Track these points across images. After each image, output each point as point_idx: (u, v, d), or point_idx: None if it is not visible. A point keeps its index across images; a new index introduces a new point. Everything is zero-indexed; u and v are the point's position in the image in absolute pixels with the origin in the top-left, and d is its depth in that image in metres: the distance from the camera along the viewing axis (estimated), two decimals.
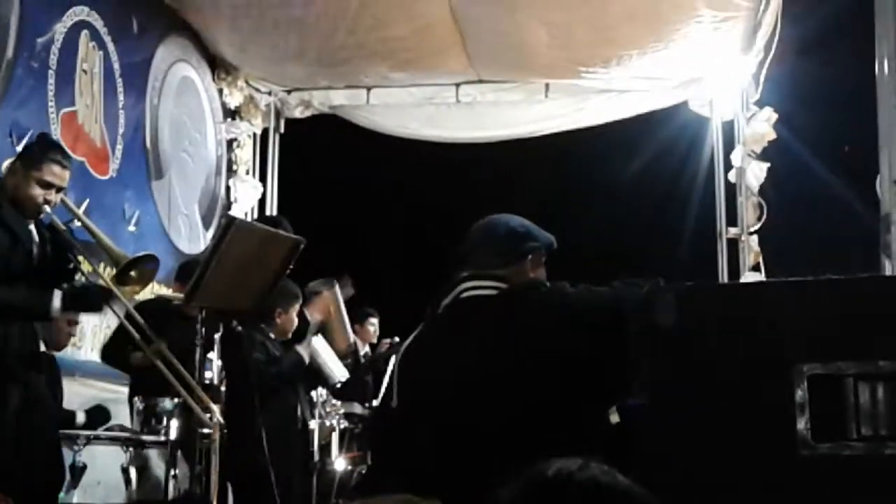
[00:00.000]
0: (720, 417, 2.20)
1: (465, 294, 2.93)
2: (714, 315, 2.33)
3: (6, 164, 4.29)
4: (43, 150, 4.22)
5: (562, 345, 2.71)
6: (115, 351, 5.36)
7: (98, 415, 5.16)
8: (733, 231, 7.54)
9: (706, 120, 8.04)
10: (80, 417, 5.00)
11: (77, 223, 4.28)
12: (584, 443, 2.56)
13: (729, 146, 7.71)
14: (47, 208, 4.11)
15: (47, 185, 4.07)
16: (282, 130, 8.82)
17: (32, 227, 4.14)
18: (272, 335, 5.40)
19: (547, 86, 8.20)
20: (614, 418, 2.59)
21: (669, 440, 2.25)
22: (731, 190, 7.62)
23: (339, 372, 5.53)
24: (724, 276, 7.47)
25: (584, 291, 2.85)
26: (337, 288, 5.99)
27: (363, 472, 5.53)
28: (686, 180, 8.33)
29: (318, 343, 5.55)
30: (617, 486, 1.23)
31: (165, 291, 6.32)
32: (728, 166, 7.67)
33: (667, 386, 2.29)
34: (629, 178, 8.70)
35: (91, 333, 6.24)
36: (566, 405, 2.63)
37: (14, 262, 4.00)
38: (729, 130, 7.79)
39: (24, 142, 5.15)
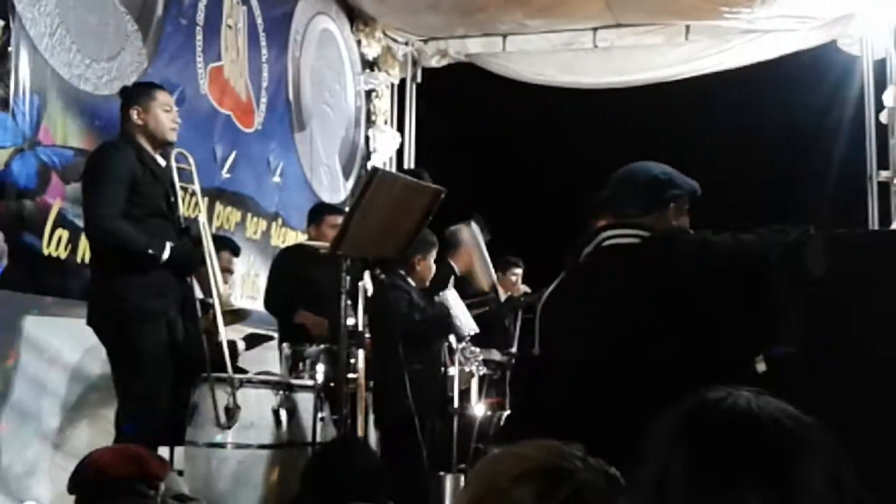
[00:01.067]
0: (871, 368, 2.16)
1: (607, 242, 2.91)
2: (866, 263, 2.27)
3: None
4: (142, 87, 4.54)
5: (707, 293, 2.67)
6: (278, 305, 5.57)
7: (255, 339, 5.36)
8: (885, 174, 7.25)
9: (856, 59, 7.71)
10: (241, 345, 5.20)
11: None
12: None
13: (880, 86, 7.39)
14: (176, 131, 4.37)
15: (170, 109, 4.37)
16: (419, 80, 8.88)
17: (163, 164, 4.36)
18: (412, 282, 5.49)
19: (687, 28, 8.00)
20: (761, 367, 2.56)
21: (819, 390, 2.22)
22: (883, 131, 7.31)
23: (468, 325, 5.58)
24: (874, 222, 7.20)
25: (729, 239, 2.81)
26: (475, 226, 6.02)
27: (502, 418, 5.59)
28: (833, 122, 8.02)
29: (451, 295, 5.61)
30: (778, 411, 1.22)
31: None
32: (879, 107, 7.36)
33: (817, 335, 2.25)
34: (774, 122, 8.42)
35: (240, 281, 6.47)
36: (711, 354, 2.61)
37: (154, 198, 4.23)
38: (880, 70, 7.46)
39: (174, 97, 5.34)
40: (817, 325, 2.27)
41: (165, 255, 4.14)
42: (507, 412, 5.51)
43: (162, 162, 4.37)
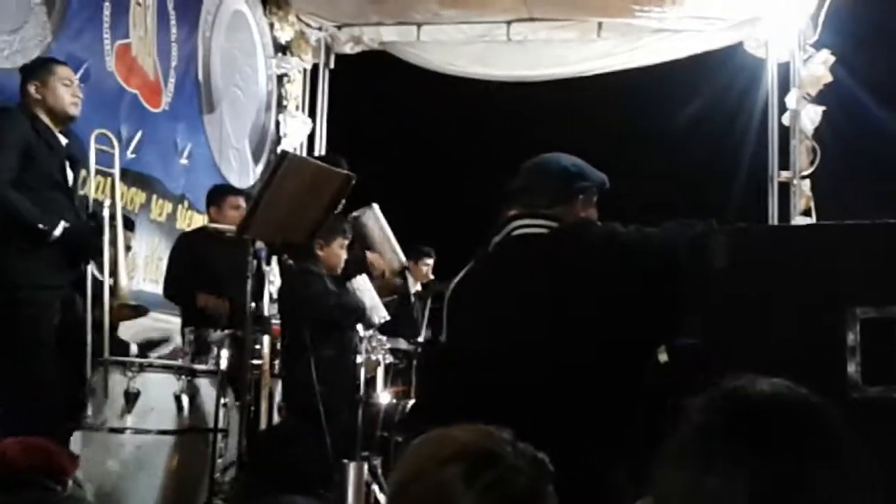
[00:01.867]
0: (770, 359, 2.21)
1: (516, 232, 2.93)
2: (767, 256, 2.33)
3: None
4: (40, 61, 4.49)
5: (612, 283, 2.71)
6: (179, 289, 5.48)
7: (149, 347, 5.27)
8: (785, 175, 7.43)
9: (761, 61, 7.89)
10: (133, 349, 5.10)
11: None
12: (632, 381, 2.58)
13: (784, 89, 7.57)
14: (78, 106, 4.31)
15: (70, 83, 4.31)
16: (332, 66, 8.80)
17: (64, 142, 4.25)
18: (322, 269, 5.44)
19: (600, 24, 8.08)
20: (663, 357, 2.60)
21: (713, 382, 2.26)
22: (785, 133, 7.50)
23: (379, 312, 5.57)
24: (774, 220, 7.38)
25: (636, 231, 2.85)
26: (376, 210, 6.01)
27: (408, 406, 5.60)
28: (740, 123, 8.20)
29: (362, 281, 5.59)
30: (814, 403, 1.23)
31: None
32: (783, 109, 7.54)
33: (718, 326, 2.30)
34: (683, 120, 8.59)
35: (143, 263, 6.34)
36: (616, 343, 2.65)
37: (48, 168, 4.14)
38: (784, 73, 7.64)
39: (79, 73, 5.20)
40: (718, 316, 2.32)
41: (57, 232, 4.04)
42: (413, 401, 5.51)
43: (63, 140, 4.27)
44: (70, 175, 4.27)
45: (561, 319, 2.70)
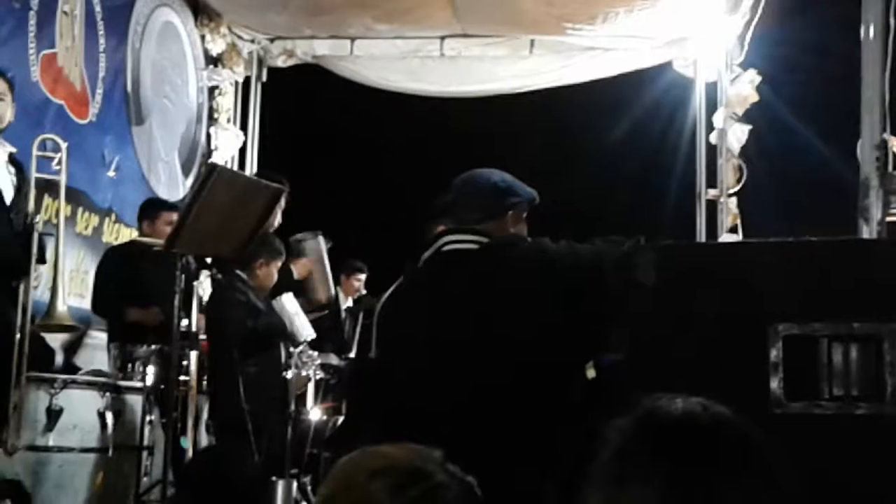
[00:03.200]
0: (695, 374, 2.23)
1: (446, 248, 2.94)
2: (693, 273, 2.36)
3: None
4: None
5: (541, 299, 2.72)
6: (107, 305, 5.37)
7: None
8: (712, 192, 7.55)
9: (690, 81, 8.03)
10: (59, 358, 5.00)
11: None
12: (560, 398, 2.59)
13: (712, 108, 7.70)
14: None
15: None
16: (264, 79, 8.74)
17: (4, 162, 4.15)
18: (252, 285, 5.39)
19: (532, 42, 8.15)
20: (591, 373, 2.62)
21: (645, 395, 2.27)
22: (713, 151, 7.63)
23: (305, 331, 5.54)
24: (701, 237, 7.49)
25: (565, 247, 2.87)
26: (321, 239, 5.99)
27: (338, 422, 5.56)
28: (669, 141, 8.34)
29: (288, 300, 5.55)
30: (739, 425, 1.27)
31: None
32: (710, 128, 7.67)
33: (644, 342, 2.31)
34: (613, 137, 8.70)
35: (69, 277, 6.21)
36: (544, 359, 2.65)
37: None
38: (712, 92, 7.77)
39: None
40: (644, 332, 2.34)
41: None
42: (343, 417, 5.48)
43: (5, 151, 4.14)
44: (7, 187, 4.14)
45: (488, 336, 2.71)
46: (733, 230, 7.21)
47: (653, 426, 1.25)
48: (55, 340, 5.07)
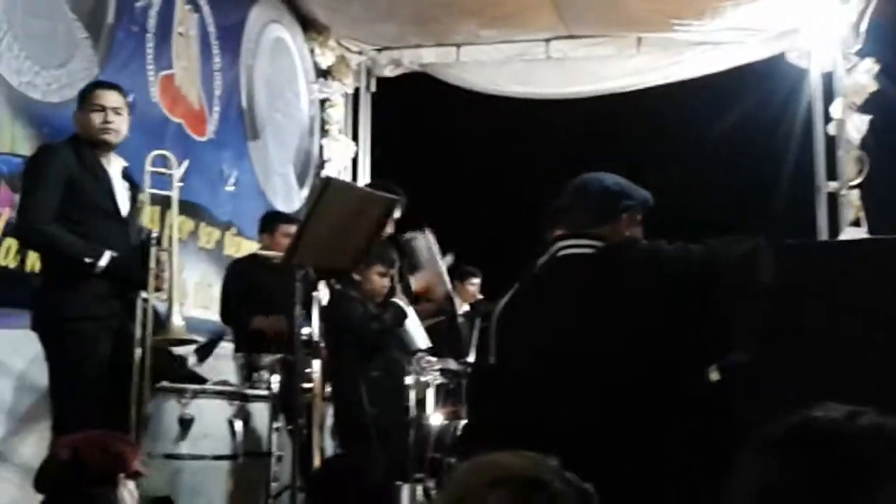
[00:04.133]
0: (823, 376, 2.19)
1: (562, 253, 2.94)
2: (816, 273, 2.32)
3: None
4: (85, 88, 4.45)
5: (660, 302, 2.71)
6: (232, 315, 5.53)
7: (205, 350, 5.26)
8: (833, 185, 7.37)
9: (804, 72, 7.83)
10: (192, 360, 5.13)
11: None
12: (683, 400, 2.58)
13: (828, 98, 7.50)
14: (112, 132, 4.25)
15: (101, 109, 4.24)
16: (373, 89, 8.88)
17: (118, 173, 4.29)
18: (367, 292, 5.47)
19: (639, 39, 8.08)
20: (714, 376, 2.59)
21: (771, 398, 2.25)
22: (831, 143, 7.43)
23: (421, 340, 5.58)
24: (823, 232, 7.32)
25: (681, 249, 2.85)
26: (430, 235, 6.03)
27: (459, 427, 5.59)
28: (783, 134, 8.14)
29: (403, 307, 5.60)
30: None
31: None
32: (827, 119, 7.48)
33: (768, 344, 2.28)
34: (725, 133, 8.53)
35: (193, 290, 6.42)
36: (665, 363, 2.64)
37: (95, 197, 4.15)
38: (828, 82, 7.58)
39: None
40: (768, 334, 2.31)
41: (103, 262, 4.04)
42: (464, 422, 5.51)
43: (114, 164, 4.29)
44: (123, 201, 4.29)
45: (608, 339, 2.70)
46: (856, 223, 7.01)
47: (806, 438, 1.19)
48: (184, 350, 5.24)
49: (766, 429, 1.20)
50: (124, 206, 4.29)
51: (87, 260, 4.03)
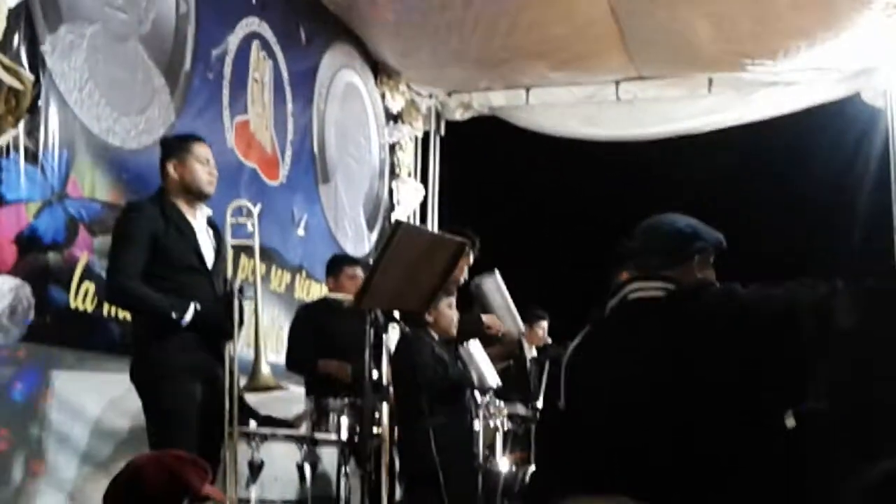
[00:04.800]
0: None
1: (632, 296, 2.90)
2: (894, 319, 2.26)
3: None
4: (179, 140, 4.54)
5: (733, 348, 2.65)
6: (301, 360, 5.56)
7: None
8: None
9: (879, 111, 7.70)
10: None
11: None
12: (759, 447, 2.51)
13: None
14: (213, 183, 4.38)
15: (206, 162, 4.37)
16: (442, 133, 8.94)
17: (204, 226, 4.35)
18: (434, 334, 5.48)
19: (710, 80, 8.03)
20: (790, 422, 2.52)
21: (845, 446, 2.19)
22: None
23: (491, 379, 5.56)
24: None
25: (756, 292, 2.79)
26: (497, 277, 6.04)
27: (527, 473, 5.53)
28: (857, 174, 7.99)
29: (474, 347, 5.60)
30: None
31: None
32: None
33: (846, 390, 2.22)
34: (799, 174, 8.41)
35: (264, 333, 6.46)
36: (739, 408, 2.58)
37: (180, 254, 4.22)
38: None
39: None
40: (845, 380, 2.25)
41: (188, 317, 4.12)
42: (532, 468, 5.45)
43: (199, 216, 4.37)
44: (208, 252, 4.36)
45: (681, 383, 2.65)
46: None
47: None
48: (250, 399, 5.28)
49: (866, 474, 1.17)
50: (209, 257, 4.36)
51: (174, 315, 4.10)
